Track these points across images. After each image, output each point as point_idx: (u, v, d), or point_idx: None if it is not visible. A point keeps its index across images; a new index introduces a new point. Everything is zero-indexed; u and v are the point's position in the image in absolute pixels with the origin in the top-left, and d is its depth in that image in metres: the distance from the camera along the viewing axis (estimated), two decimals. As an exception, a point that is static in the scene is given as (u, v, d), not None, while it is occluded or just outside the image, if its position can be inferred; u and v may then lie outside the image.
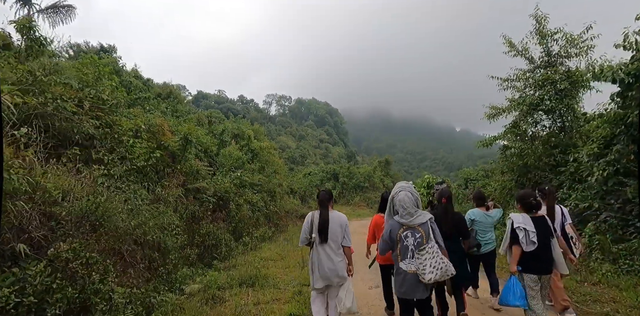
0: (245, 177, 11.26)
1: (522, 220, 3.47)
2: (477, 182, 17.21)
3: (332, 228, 3.45)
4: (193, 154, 9.85)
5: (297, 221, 21.08)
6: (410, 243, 3.07)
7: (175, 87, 20.27)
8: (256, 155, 17.93)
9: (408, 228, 3.09)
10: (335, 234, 3.46)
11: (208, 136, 13.55)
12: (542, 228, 3.47)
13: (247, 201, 11.59)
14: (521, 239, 3.39)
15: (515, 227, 3.47)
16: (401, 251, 3.10)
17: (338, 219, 3.52)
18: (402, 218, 3.13)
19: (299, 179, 29.66)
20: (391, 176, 54.29)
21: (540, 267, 3.47)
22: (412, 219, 3.09)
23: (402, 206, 3.10)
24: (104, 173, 5.52)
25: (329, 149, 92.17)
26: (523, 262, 3.45)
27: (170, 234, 6.05)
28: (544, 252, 3.44)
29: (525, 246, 3.39)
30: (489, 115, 9.20)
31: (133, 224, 4.93)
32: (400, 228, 3.11)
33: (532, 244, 3.37)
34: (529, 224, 3.43)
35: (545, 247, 3.44)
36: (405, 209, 3.09)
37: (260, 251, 8.67)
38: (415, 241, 3.06)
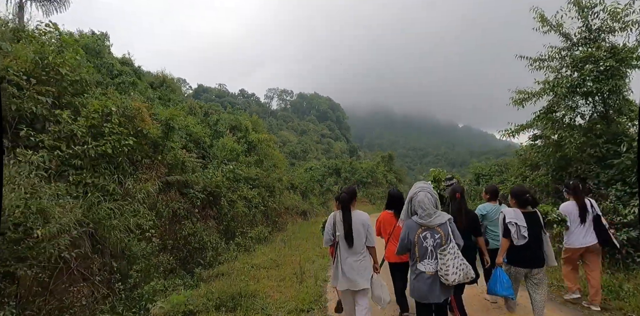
0: (240, 170, 10.11)
1: (514, 215, 3.58)
2: (491, 178, 16.06)
3: (355, 227, 3.35)
4: (179, 144, 8.71)
5: (298, 218, 19.95)
6: (430, 244, 3.01)
7: (169, 76, 19.06)
8: (254, 148, 16.78)
9: (427, 228, 3.04)
10: (358, 235, 3.36)
11: (200, 125, 12.41)
12: (534, 223, 3.58)
13: (242, 196, 10.47)
14: (513, 233, 3.50)
15: (507, 222, 3.58)
16: (419, 252, 3.04)
17: (360, 219, 3.41)
18: (420, 219, 3.06)
19: (299, 174, 28.44)
20: (394, 172, 53.30)
21: (530, 261, 3.59)
22: (431, 219, 3.03)
23: (422, 207, 3.05)
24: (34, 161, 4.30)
25: (330, 144, 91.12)
26: (514, 255, 3.58)
27: (137, 238, 4.93)
28: (534, 246, 3.55)
29: (516, 241, 3.50)
30: (516, 100, 8.00)
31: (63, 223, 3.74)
32: (419, 228, 3.05)
33: (522, 239, 3.49)
34: (520, 219, 3.53)
35: (536, 241, 3.56)
36: (425, 210, 3.03)
37: (253, 255, 7.58)
38: (435, 242, 3.00)
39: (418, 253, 3.03)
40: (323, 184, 32.32)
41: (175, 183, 8.39)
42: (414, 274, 3.07)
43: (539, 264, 3.59)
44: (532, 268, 3.59)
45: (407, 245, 3.10)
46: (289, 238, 9.87)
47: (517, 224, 3.51)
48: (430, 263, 2.99)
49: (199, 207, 8.84)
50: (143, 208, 5.79)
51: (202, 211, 8.92)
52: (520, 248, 3.52)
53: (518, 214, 3.58)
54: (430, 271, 2.98)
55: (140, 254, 4.83)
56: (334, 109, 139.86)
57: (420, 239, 3.02)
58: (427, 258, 3.00)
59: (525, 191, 3.75)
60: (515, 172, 11.76)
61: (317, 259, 6.97)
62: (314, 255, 7.38)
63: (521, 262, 3.59)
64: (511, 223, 3.53)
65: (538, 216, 3.66)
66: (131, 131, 6.84)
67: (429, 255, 3.00)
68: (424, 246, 3.01)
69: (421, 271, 3.01)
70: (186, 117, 11.02)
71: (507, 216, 3.61)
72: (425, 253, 3.01)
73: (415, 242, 3.04)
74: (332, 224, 3.49)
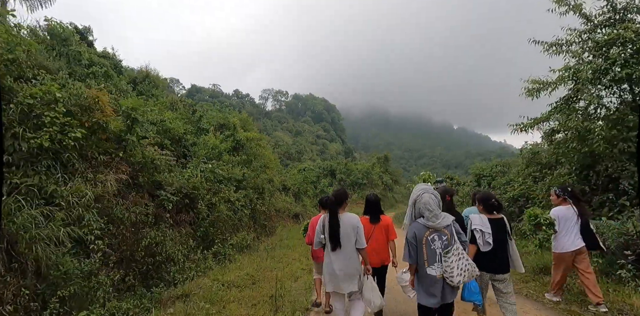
0: (221, 169, 9.07)
1: (479, 222, 3.59)
2: (494, 179, 15.18)
3: (344, 231, 3.32)
4: (150, 140, 7.68)
5: (289, 221, 18.89)
6: (438, 246, 2.94)
7: (153, 72, 17.98)
8: (242, 147, 15.74)
9: (434, 230, 2.96)
10: (347, 237, 3.31)
11: (181, 121, 11.38)
12: (499, 229, 3.58)
13: (226, 199, 9.44)
14: (478, 240, 3.53)
15: (472, 228, 3.59)
16: (428, 255, 2.94)
17: (349, 222, 3.37)
18: (428, 221, 2.97)
19: (293, 175, 27.38)
20: (390, 173, 52.58)
21: (495, 266, 3.59)
22: (439, 221, 2.95)
23: (428, 208, 2.96)
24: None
25: (326, 145, 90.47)
26: (480, 261, 3.47)
27: (75, 252, 3.89)
28: (499, 252, 3.57)
29: (482, 247, 3.52)
30: (530, 90, 7.09)
31: None
32: (427, 231, 2.96)
33: (487, 245, 3.51)
34: (485, 226, 3.54)
35: (501, 247, 3.57)
36: (432, 212, 2.96)
37: (229, 268, 6.49)
38: (442, 244, 2.93)
39: (427, 256, 2.94)
40: (317, 186, 31.27)
41: (145, 185, 7.36)
42: (423, 278, 2.97)
43: (503, 269, 3.60)
44: (496, 273, 3.60)
45: (415, 248, 2.99)
46: (275, 246, 8.83)
47: (482, 230, 3.54)
48: (440, 266, 2.91)
49: (172, 211, 7.80)
50: (91, 214, 4.75)
51: (177, 215, 7.89)
52: (485, 254, 3.55)
53: (484, 220, 3.60)
54: (440, 275, 2.91)
55: (75, 273, 3.80)
56: (330, 110, 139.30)
57: (429, 241, 2.95)
58: (436, 261, 2.92)
59: (490, 196, 3.78)
60: (522, 172, 10.88)
61: (303, 275, 5.95)
62: (299, 269, 6.34)
63: (485, 267, 3.58)
64: (476, 229, 3.56)
65: (504, 222, 3.67)
66: (86, 123, 5.82)
67: (438, 258, 2.92)
68: (432, 248, 2.93)
69: (432, 276, 2.91)
70: (163, 112, 9.98)
71: (473, 223, 3.63)
72: (434, 256, 2.93)
73: (424, 244, 2.95)
74: (322, 227, 3.43)
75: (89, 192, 4.87)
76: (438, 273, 2.90)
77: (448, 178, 19.61)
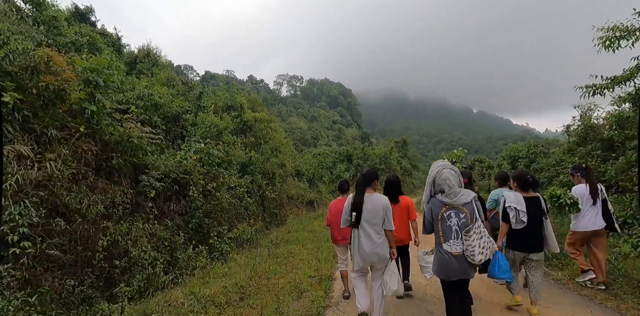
0: (217, 150, 7.72)
1: (514, 199, 3.52)
2: (534, 161, 13.38)
3: (373, 210, 3.26)
4: (130, 115, 6.38)
5: (302, 208, 17.64)
6: (454, 223, 2.89)
7: (154, 50, 16.64)
8: (250, 128, 14.41)
9: (451, 207, 2.90)
10: (376, 217, 3.25)
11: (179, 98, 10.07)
12: (534, 208, 3.50)
13: (225, 185, 8.17)
14: (511, 218, 3.47)
15: (506, 206, 3.53)
16: (444, 231, 2.91)
17: (380, 202, 3.29)
18: (446, 197, 2.91)
19: (307, 159, 26.01)
20: (409, 158, 50.71)
21: (529, 245, 3.54)
22: (457, 198, 2.88)
23: (448, 184, 2.90)
24: None
25: (342, 130, 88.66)
26: (513, 240, 3.55)
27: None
28: (534, 231, 3.49)
29: (514, 225, 3.47)
30: (606, 39, 5.35)
31: None
32: (443, 207, 2.92)
33: (521, 223, 3.45)
34: (520, 204, 3.47)
35: (535, 226, 3.48)
36: (452, 188, 2.89)
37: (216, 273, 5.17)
38: (460, 222, 2.87)
39: (442, 232, 2.91)
40: (333, 171, 29.87)
41: (124, 168, 6.11)
42: (440, 254, 2.94)
43: (537, 249, 3.54)
44: (529, 252, 3.55)
45: (431, 223, 2.98)
46: (281, 240, 7.54)
47: (517, 208, 3.46)
48: (457, 243, 2.86)
49: (159, 200, 6.58)
50: (20, 205, 3.49)
51: (164, 205, 6.66)
52: (519, 233, 3.48)
53: (519, 198, 3.52)
54: (457, 252, 2.85)
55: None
56: (345, 95, 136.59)
57: (445, 218, 2.90)
58: (452, 238, 2.88)
59: (526, 173, 3.69)
60: (577, 151, 9.15)
61: (310, 288, 4.36)
62: (306, 277, 4.73)
63: (519, 246, 3.56)
64: (510, 207, 3.49)
65: (540, 200, 3.56)
66: (33, 89, 4.53)
67: (454, 235, 2.87)
68: (448, 225, 2.89)
69: (447, 252, 2.89)
70: (153, 86, 8.67)
71: (507, 201, 3.55)
72: (450, 232, 2.88)
73: (439, 221, 2.92)
74: (349, 205, 3.36)
75: (18, 176, 3.60)
76: (454, 249, 2.86)
77: (477, 161, 17.88)
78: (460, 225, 2.85)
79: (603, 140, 8.19)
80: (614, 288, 4.13)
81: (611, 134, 7.88)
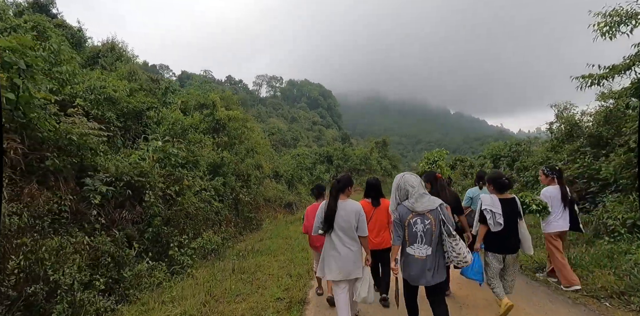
0: (178, 149, 6.87)
1: (490, 202, 3.52)
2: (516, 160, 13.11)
3: (346, 217, 3.20)
4: (75, 109, 5.49)
5: (281, 211, 16.82)
6: (420, 229, 2.97)
7: (119, 44, 15.50)
8: (223, 127, 13.53)
9: (417, 214, 2.97)
10: (348, 224, 3.19)
11: (141, 93, 9.13)
12: (510, 210, 3.51)
13: (190, 188, 7.33)
14: (489, 220, 3.46)
15: (482, 208, 3.53)
16: (409, 236, 3.01)
17: (352, 209, 3.23)
18: (413, 203, 2.97)
19: (286, 160, 25.20)
20: (389, 158, 50.64)
21: (504, 247, 3.55)
22: (422, 204, 2.95)
23: (411, 185, 3.02)
24: None
25: (322, 131, 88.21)
26: (489, 242, 3.55)
27: None
28: (509, 233, 3.50)
29: (492, 227, 3.46)
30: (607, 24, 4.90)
31: None
32: (410, 214, 2.99)
33: (498, 226, 3.44)
34: (495, 206, 3.48)
35: (511, 228, 3.50)
36: (414, 188, 3.00)
37: (166, 297, 4.27)
38: (425, 228, 2.95)
39: (408, 237, 3.00)
40: (313, 172, 29.16)
41: (63, 170, 5.21)
42: (404, 256, 3.06)
43: (513, 250, 3.57)
44: (506, 253, 3.57)
45: (400, 230, 3.04)
46: (251, 250, 6.70)
47: (493, 211, 3.46)
48: (420, 247, 2.95)
49: (108, 207, 5.71)
50: None
51: (114, 212, 5.79)
52: (497, 235, 3.49)
53: (495, 201, 3.52)
54: (420, 256, 2.94)
55: None
56: (326, 96, 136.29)
57: (411, 224, 2.98)
58: (417, 242, 2.97)
59: (501, 175, 3.72)
60: (564, 149, 8.83)
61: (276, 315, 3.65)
62: (273, 300, 3.94)
63: (496, 248, 3.57)
64: (487, 210, 3.48)
65: (516, 202, 3.59)
66: None
67: (419, 240, 2.97)
68: (414, 231, 2.97)
69: (410, 254, 2.99)
70: (108, 78, 7.73)
71: (483, 203, 3.54)
72: (415, 237, 2.97)
73: (406, 226, 3.00)
74: (322, 212, 3.31)
75: None
76: (418, 253, 2.94)
77: (459, 161, 17.65)
78: (425, 231, 2.93)
79: (592, 136, 7.87)
80: None
81: (600, 130, 7.57)
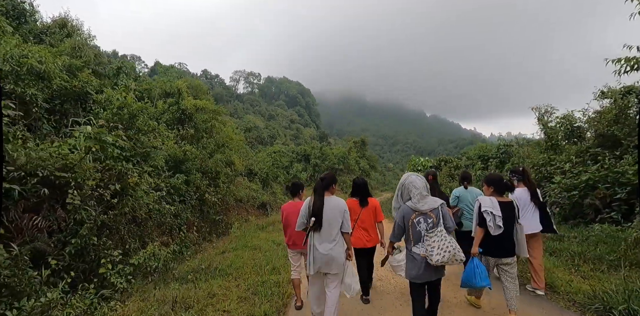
0: (117, 137, 5.36)
1: (490, 204, 3.42)
2: (506, 161, 12.36)
3: (331, 214, 3.21)
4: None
5: (254, 213, 15.40)
6: (423, 228, 3.00)
7: (71, 21, 13.58)
8: (189, 118, 12.01)
9: (420, 213, 3.02)
10: (334, 221, 3.22)
11: (85, 72, 7.54)
12: (508, 213, 3.43)
13: (138, 186, 5.88)
14: (488, 222, 3.35)
15: (482, 210, 3.42)
16: (413, 236, 3.04)
17: (337, 205, 3.26)
18: (415, 203, 3.03)
19: (261, 158, 23.72)
20: (367, 158, 50.02)
21: (501, 251, 3.46)
22: (425, 204, 3.01)
23: (415, 186, 3.07)
24: None
25: (300, 130, 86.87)
26: (487, 246, 3.45)
27: None
28: (507, 236, 3.42)
29: (492, 230, 3.35)
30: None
31: None
32: (413, 213, 3.04)
33: (498, 229, 3.34)
34: (496, 209, 3.39)
35: (509, 231, 3.43)
36: (418, 189, 3.05)
37: None
38: (428, 227, 2.99)
39: (412, 237, 3.03)
40: (290, 171, 27.80)
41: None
42: (410, 256, 3.08)
43: (510, 254, 3.46)
44: (501, 257, 3.46)
45: (402, 229, 3.10)
46: (206, 270, 5.18)
47: (493, 213, 3.33)
48: (424, 246, 2.97)
49: (16, 211, 4.24)
50: None
51: (22, 218, 4.30)
52: (493, 238, 3.37)
53: (494, 203, 3.40)
54: (424, 254, 2.96)
55: None
56: (304, 94, 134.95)
57: (414, 223, 3.02)
58: (421, 241, 3.00)
59: (502, 178, 3.60)
60: (568, 150, 8.01)
61: None
62: None
63: (492, 252, 3.47)
64: (487, 211, 3.37)
65: (514, 206, 3.49)
66: None
67: (423, 239, 2.98)
68: (417, 230, 3.01)
69: (416, 254, 3.01)
70: (30, 47, 6.14)
71: (482, 205, 3.42)
72: (419, 237, 3.00)
73: (410, 226, 3.03)
74: (307, 208, 3.31)
75: None
76: (421, 252, 2.96)
77: (443, 162, 16.90)
78: (428, 229, 2.97)
79: (602, 136, 7.04)
80: None
81: (612, 129, 6.75)
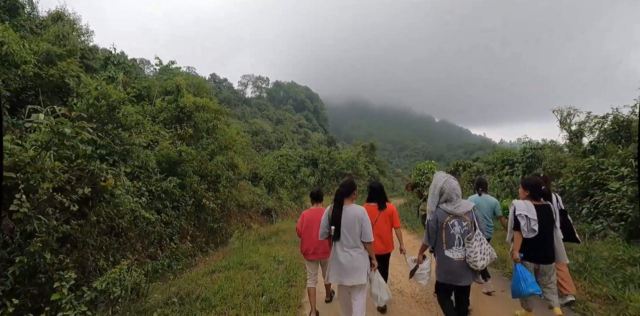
0: (78, 130, 4.34)
1: (525, 207, 3.42)
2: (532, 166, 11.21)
3: (349, 223, 3.16)
4: None
5: (258, 220, 14.36)
6: (457, 231, 3.01)
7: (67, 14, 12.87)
8: (188, 117, 11.10)
9: (455, 216, 3.03)
10: (352, 230, 3.15)
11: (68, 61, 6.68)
12: (545, 217, 3.40)
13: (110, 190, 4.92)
14: (522, 226, 3.35)
15: (517, 214, 3.42)
16: (447, 239, 3.03)
17: (354, 214, 3.17)
18: (451, 206, 3.05)
19: (267, 161, 22.76)
20: (376, 163, 48.79)
21: (540, 256, 3.40)
22: (459, 206, 3.03)
23: (457, 193, 3.06)
24: None
25: (308, 134, 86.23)
26: (524, 250, 3.37)
27: None
28: (544, 241, 3.38)
29: (525, 234, 3.34)
30: None
31: None
32: (447, 216, 3.04)
33: (532, 232, 3.33)
34: (531, 212, 3.38)
35: (545, 236, 3.38)
36: (459, 197, 3.05)
37: None
38: (462, 230, 3.00)
39: (445, 239, 3.01)
40: (297, 175, 26.80)
41: None
42: (442, 260, 3.04)
43: (548, 259, 3.39)
44: (541, 263, 3.40)
45: (435, 232, 3.07)
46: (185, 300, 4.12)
47: (528, 216, 3.33)
48: (458, 250, 2.96)
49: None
50: None
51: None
52: (530, 242, 3.33)
53: (530, 206, 3.40)
54: (459, 258, 2.95)
55: None
56: (312, 99, 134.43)
57: (449, 226, 3.00)
58: (455, 245, 2.97)
59: (540, 183, 3.57)
60: (621, 152, 6.87)
61: None
62: None
63: (530, 257, 3.39)
64: (521, 215, 3.37)
65: (550, 209, 3.46)
66: None
67: (457, 242, 2.97)
68: (452, 233, 2.99)
69: (449, 258, 2.98)
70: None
71: (517, 209, 3.43)
72: (453, 240, 2.98)
73: (443, 229, 3.01)
74: (327, 218, 3.31)
75: None
76: (457, 256, 2.95)
77: (460, 166, 15.80)
78: (463, 233, 2.98)
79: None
80: None
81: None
